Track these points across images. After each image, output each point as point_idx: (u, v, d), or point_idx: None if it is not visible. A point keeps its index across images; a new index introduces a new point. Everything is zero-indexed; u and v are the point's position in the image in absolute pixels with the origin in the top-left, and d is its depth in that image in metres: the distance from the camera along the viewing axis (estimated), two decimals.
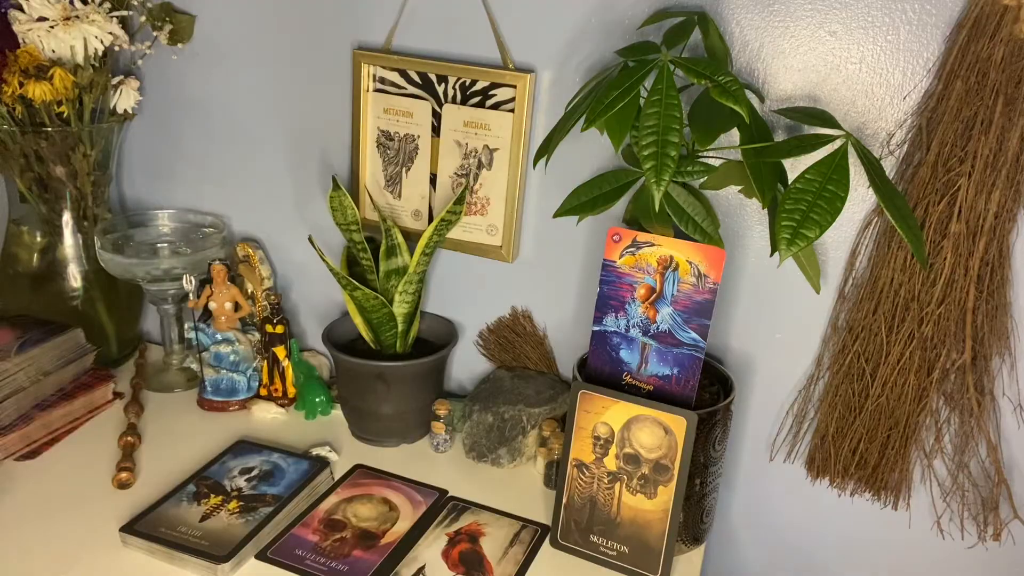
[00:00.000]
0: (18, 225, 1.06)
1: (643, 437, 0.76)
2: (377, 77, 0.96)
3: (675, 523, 0.76)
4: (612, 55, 0.86)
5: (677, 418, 0.74)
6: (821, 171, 0.65)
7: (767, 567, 1.01)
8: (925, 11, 0.76)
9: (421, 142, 0.97)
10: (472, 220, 0.98)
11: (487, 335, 1.05)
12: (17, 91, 0.91)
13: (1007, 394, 0.83)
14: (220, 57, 1.05)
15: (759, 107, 0.82)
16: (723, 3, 0.81)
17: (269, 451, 0.92)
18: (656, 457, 0.75)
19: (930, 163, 0.77)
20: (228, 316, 1.01)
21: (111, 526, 0.80)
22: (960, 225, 0.77)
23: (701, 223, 0.76)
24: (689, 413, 0.74)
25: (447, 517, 0.85)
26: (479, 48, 0.92)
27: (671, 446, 0.75)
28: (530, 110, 0.91)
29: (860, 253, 0.84)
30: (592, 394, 0.77)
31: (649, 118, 0.66)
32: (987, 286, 0.79)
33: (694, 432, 0.74)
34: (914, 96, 0.78)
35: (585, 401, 0.77)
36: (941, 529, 0.90)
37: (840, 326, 0.86)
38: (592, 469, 0.78)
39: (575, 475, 0.79)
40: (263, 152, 1.08)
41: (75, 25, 0.94)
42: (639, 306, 0.78)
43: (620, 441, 0.77)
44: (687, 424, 0.74)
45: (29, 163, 0.99)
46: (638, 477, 0.76)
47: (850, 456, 0.88)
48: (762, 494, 0.98)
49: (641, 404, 0.75)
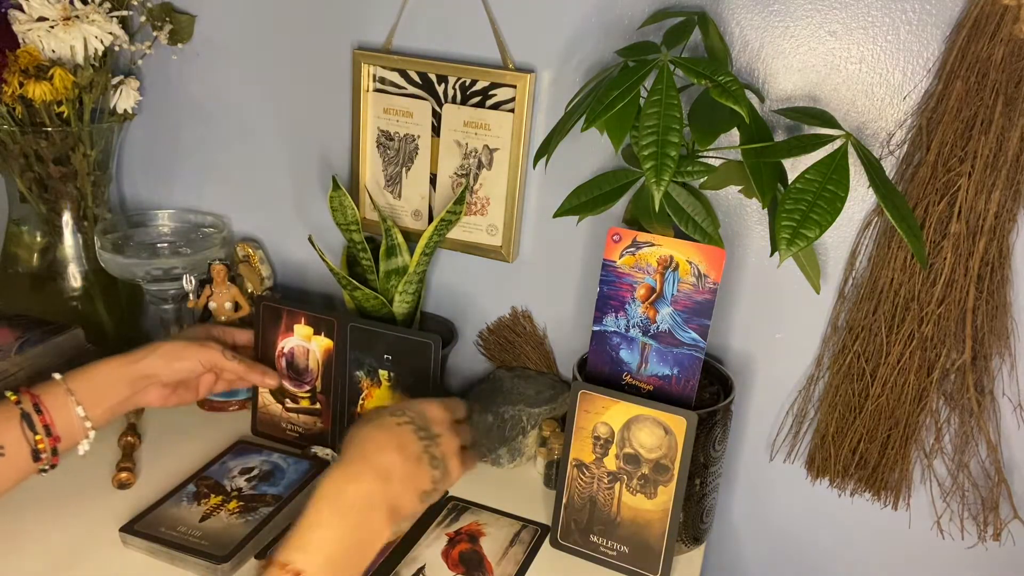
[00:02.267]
0: (18, 225, 1.06)
1: (643, 437, 0.75)
2: (377, 77, 0.96)
3: (675, 523, 0.76)
4: (612, 55, 0.86)
5: (677, 418, 0.74)
6: (821, 171, 0.65)
7: (767, 567, 1.01)
8: (925, 11, 0.76)
9: (421, 142, 0.97)
10: (472, 220, 0.98)
11: (487, 335, 1.05)
12: (17, 91, 0.91)
13: (1007, 394, 0.83)
14: (220, 57, 1.05)
15: (759, 107, 0.82)
16: (723, 3, 0.81)
17: (269, 451, 0.92)
18: (656, 457, 0.75)
19: (930, 163, 0.77)
20: (228, 316, 1.01)
21: (111, 526, 0.80)
22: (960, 225, 0.77)
23: (701, 223, 0.76)
24: (689, 413, 0.73)
25: (447, 517, 0.85)
26: (479, 48, 0.92)
27: (671, 446, 0.74)
28: (530, 110, 0.91)
29: (860, 253, 0.84)
30: (592, 394, 0.77)
31: (649, 118, 0.66)
32: (987, 286, 0.79)
33: (694, 432, 0.73)
34: (914, 96, 0.78)
35: (585, 401, 0.77)
36: (941, 529, 0.90)
37: (840, 326, 0.86)
38: (592, 469, 0.78)
39: (575, 475, 0.79)
40: (263, 152, 1.08)
41: (75, 25, 0.94)
42: (639, 306, 0.78)
43: (620, 441, 0.76)
44: (687, 424, 0.73)
45: (29, 163, 0.99)
46: (638, 477, 0.76)
47: (850, 456, 0.88)
48: (762, 494, 0.98)
49: (641, 404, 0.75)
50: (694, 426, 0.73)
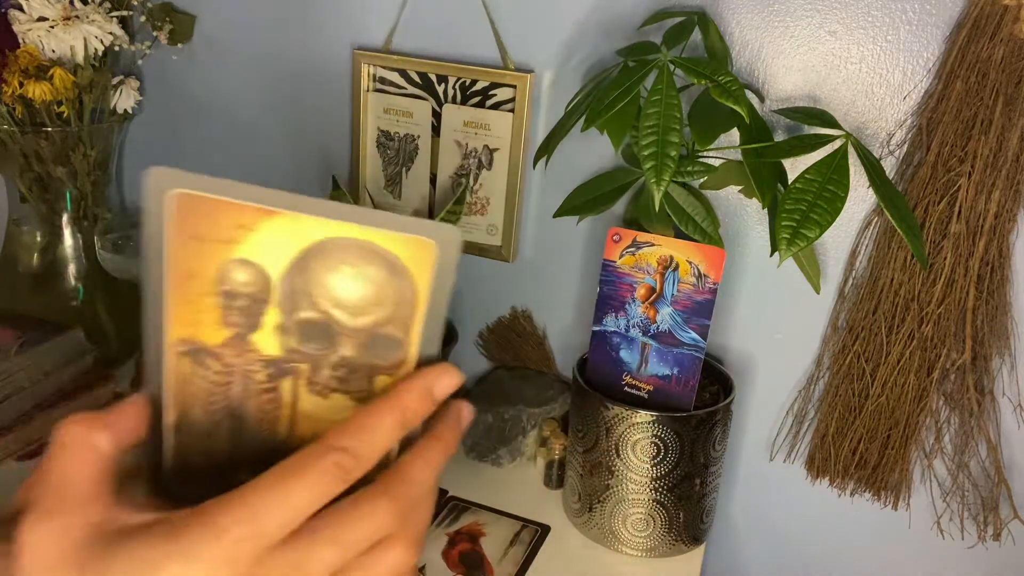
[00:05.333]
0: (18, 225, 1.06)
1: (340, 284, 0.36)
2: (377, 77, 0.96)
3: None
4: (612, 55, 0.86)
5: (418, 240, 0.36)
6: (821, 171, 0.65)
7: (767, 567, 1.01)
8: (925, 11, 0.76)
9: (421, 142, 0.97)
10: (472, 220, 0.98)
11: (487, 335, 1.05)
12: (17, 91, 0.91)
13: (1007, 394, 0.83)
14: (220, 57, 1.05)
15: (759, 107, 0.82)
16: (723, 3, 0.81)
17: None
18: (370, 323, 0.36)
19: (930, 163, 0.77)
20: None
21: None
22: (960, 225, 0.77)
23: (701, 223, 0.76)
24: (442, 226, 0.36)
25: (447, 517, 0.85)
26: (479, 48, 0.92)
27: (402, 298, 0.36)
28: (530, 110, 0.91)
29: (860, 253, 0.84)
30: (204, 198, 0.34)
31: (649, 118, 0.66)
32: (987, 286, 0.79)
33: (453, 265, 0.37)
34: (914, 96, 0.78)
35: (191, 210, 0.34)
36: (941, 529, 0.90)
37: (840, 326, 0.86)
38: (226, 357, 0.36)
39: (188, 371, 0.36)
40: (263, 152, 1.08)
41: (75, 25, 0.94)
42: (639, 306, 0.78)
43: (288, 295, 0.36)
44: (437, 250, 0.36)
45: (29, 163, 0.99)
46: (332, 366, 0.37)
47: (850, 456, 0.88)
48: (762, 494, 0.98)
49: (327, 215, 0.35)
50: (454, 252, 0.37)
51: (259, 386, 0.37)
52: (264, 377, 0.37)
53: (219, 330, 0.36)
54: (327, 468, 0.33)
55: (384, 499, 0.34)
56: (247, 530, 0.31)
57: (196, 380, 0.36)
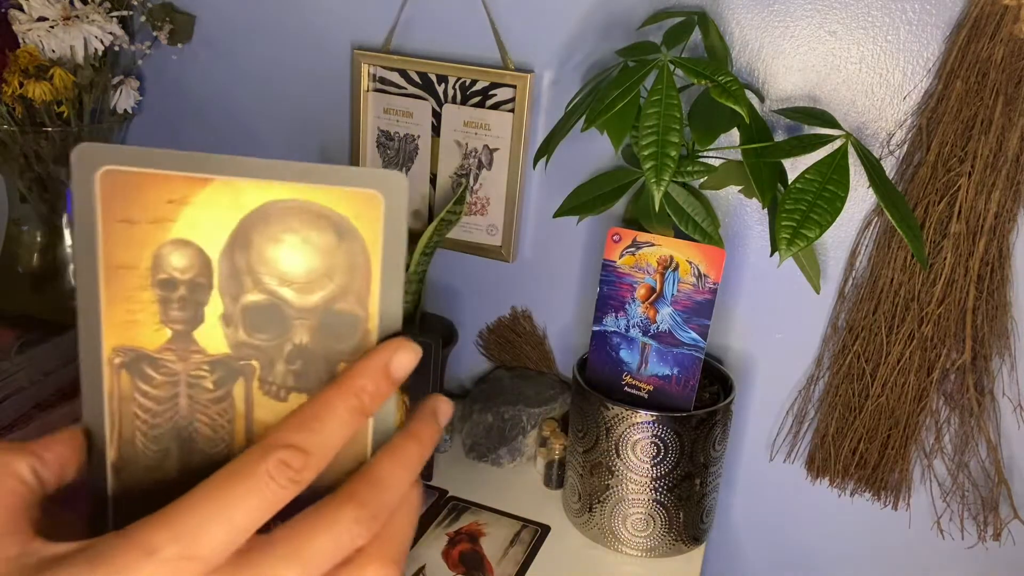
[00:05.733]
0: (18, 225, 1.06)
1: (284, 256, 0.31)
2: (377, 77, 0.96)
3: (384, 435, 0.33)
4: (612, 55, 0.86)
5: (360, 194, 0.31)
6: (821, 171, 0.65)
7: (767, 567, 1.01)
8: (925, 11, 0.76)
9: (421, 142, 0.97)
10: (472, 220, 0.98)
11: (487, 335, 1.05)
12: (17, 91, 0.91)
13: (1007, 394, 0.83)
14: (220, 57, 1.05)
15: (759, 107, 0.82)
16: (723, 3, 0.81)
17: None
18: (323, 300, 0.32)
19: (930, 163, 0.77)
20: None
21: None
22: (960, 225, 0.77)
23: (701, 223, 0.76)
24: (390, 176, 0.31)
25: (447, 517, 0.85)
26: (479, 48, 0.92)
27: (354, 264, 0.31)
28: (530, 110, 0.91)
29: (860, 253, 0.84)
30: (132, 172, 0.30)
31: (649, 118, 0.66)
32: (987, 286, 0.79)
33: (403, 217, 0.31)
34: (914, 96, 0.78)
35: (119, 190, 0.30)
36: (941, 529, 0.90)
37: (840, 326, 0.86)
38: (168, 363, 0.32)
39: (128, 389, 0.33)
40: (263, 152, 1.08)
41: (75, 25, 0.94)
42: (639, 306, 0.78)
43: (230, 276, 0.32)
44: (384, 202, 0.31)
45: (29, 163, 0.99)
46: (286, 358, 0.32)
47: (850, 456, 0.88)
48: (762, 494, 0.98)
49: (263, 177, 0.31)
50: (403, 200, 0.31)
51: (208, 395, 0.33)
52: (212, 384, 0.33)
53: (159, 330, 0.32)
54: (271, 470, 0.28)
55: (349, 505, 0.29)
56: (180, 549, 0.27)
57: (137, 398, 0.33)
